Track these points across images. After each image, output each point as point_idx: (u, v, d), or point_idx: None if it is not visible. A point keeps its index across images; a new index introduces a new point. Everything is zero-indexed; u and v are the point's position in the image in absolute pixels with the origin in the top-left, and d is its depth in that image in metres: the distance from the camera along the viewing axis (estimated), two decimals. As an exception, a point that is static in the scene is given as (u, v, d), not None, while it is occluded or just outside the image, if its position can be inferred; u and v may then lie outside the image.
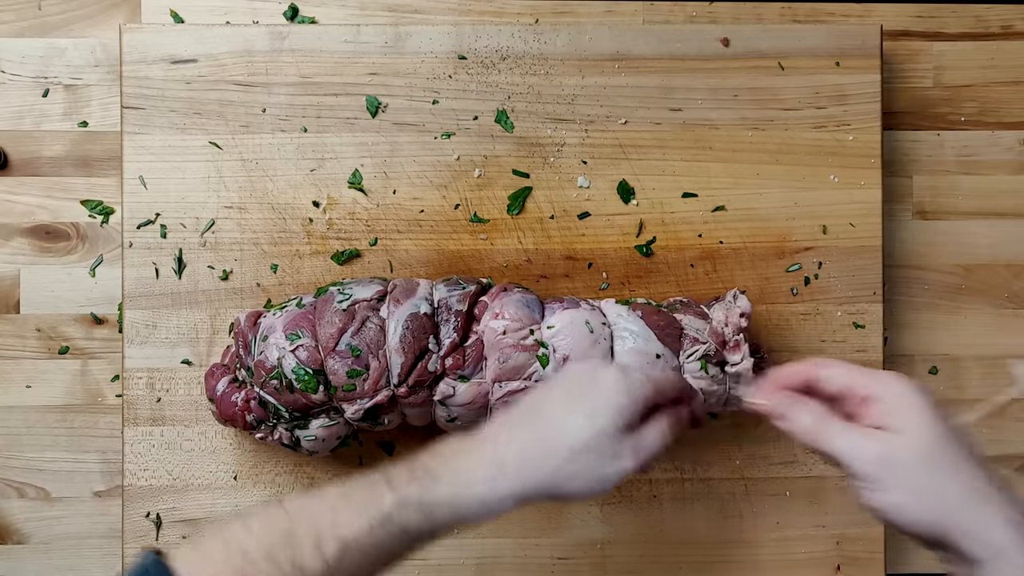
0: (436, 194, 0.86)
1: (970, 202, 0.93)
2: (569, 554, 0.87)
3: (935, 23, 0.93)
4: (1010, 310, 0.93)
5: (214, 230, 0.85)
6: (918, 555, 0.92)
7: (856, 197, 0.87)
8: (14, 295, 0.89)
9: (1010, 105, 0.93)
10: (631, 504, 0.87)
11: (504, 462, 0.60)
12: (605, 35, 0.87)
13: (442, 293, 0.78)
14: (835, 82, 0.87)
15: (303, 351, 0.75)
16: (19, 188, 0.89)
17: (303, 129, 0.86)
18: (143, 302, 0.85)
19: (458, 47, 0.86)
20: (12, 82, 0.89)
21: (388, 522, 0.58)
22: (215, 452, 0.85)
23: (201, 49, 0.85)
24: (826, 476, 0.88)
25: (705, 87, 0.87)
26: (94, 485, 0.89)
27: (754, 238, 0.87)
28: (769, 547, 0.88)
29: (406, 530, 0.58)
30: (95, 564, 0.89)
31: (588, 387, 0.63)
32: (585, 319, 0.77)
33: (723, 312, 0.79)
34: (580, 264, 0.87)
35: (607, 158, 0.87)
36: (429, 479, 0.60)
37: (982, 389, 0.92)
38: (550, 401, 0.63)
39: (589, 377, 0.63)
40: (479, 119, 0.86)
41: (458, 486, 0.59)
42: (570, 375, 0.66)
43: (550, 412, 0.62)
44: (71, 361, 0.89)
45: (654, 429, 0.63)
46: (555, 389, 0.64)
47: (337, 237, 0.86)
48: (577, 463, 0.60)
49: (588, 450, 0.60)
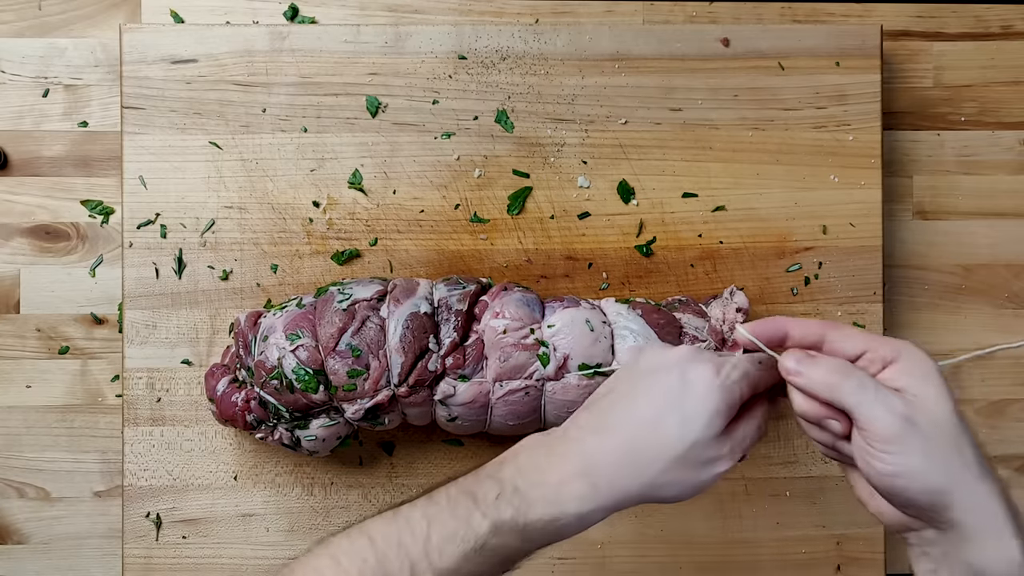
0: (436, 194, 0.86)
1: (970, 202, 0.93)
2: (569, 554, 0.87)
3: (935, 23, 0.93)
4: (1010, 310, 0.93)
5: (214, 230, 0.85)
6: (918, 555, 0.92)
7: (856, 197, 0.88)
8: (14, 295, 0.89)
9: (1010, 105, 0.93)
10: (631, 504, 0.87)
11: (596, 477, 0.56)
12: (605, 35, 0.87)
13: (442, 293, 0.78)
14: (835, 82, 0.87)
15: (303, 351, 0.75)
16: (19, 188, 0.89)
17: (303, 129, 0.86)
18: (143, 302, 0.85)
19: (458, 47, 0.86)
20: (12, 82, 0.89)
21: (483, 550, 0.55)
22: (215, 452, 0.85)
23: (201, 49, 0.85)
24: (826, 476, 0.88)
25: (705, 87, 0.87)
26: (94, 485, 0.89)
27: (754, 238, 0.87)
28: (769, 547, 0.88)
29: (500, 555, 0.56)
30: (95, 564, 0.89)
31: (679, 392, 0.57)
32: (585, 318, 0.77)
33: (720, 309, 0.80)
34: (580, 264, 0.87)
35: (607, 158, 0.87)
36: (520, 500, 0.56)
37: (982, 389, 0.92)
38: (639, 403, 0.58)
39: (680, 379, 0.57)
40: (479, 119, 0.86)
41: (551, 506, 0.56)
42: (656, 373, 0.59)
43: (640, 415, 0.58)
44: (71, 361, 0.89)
45: (750, 425, 0.59)
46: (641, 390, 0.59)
47: (337, 237, 0.86)
48: (672, 473, 0.56)
49: (683, 459, 0.56)
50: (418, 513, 0.57)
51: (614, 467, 0.57)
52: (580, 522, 0.57)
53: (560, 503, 0.56)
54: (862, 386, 0.54)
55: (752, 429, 0.59)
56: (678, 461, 0.56)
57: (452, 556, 0.55)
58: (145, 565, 0.84)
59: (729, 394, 0.57)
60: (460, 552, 0.55)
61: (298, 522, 0.85)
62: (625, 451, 0.57)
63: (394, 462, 0.86)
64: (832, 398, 0.55)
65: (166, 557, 0.84)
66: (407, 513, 0.57)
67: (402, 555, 0.54)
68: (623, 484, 0.57)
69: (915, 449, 0.53)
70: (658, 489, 0.57)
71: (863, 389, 0.54)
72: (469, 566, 0.55)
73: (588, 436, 0.58)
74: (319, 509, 0.86)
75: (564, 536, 0.57)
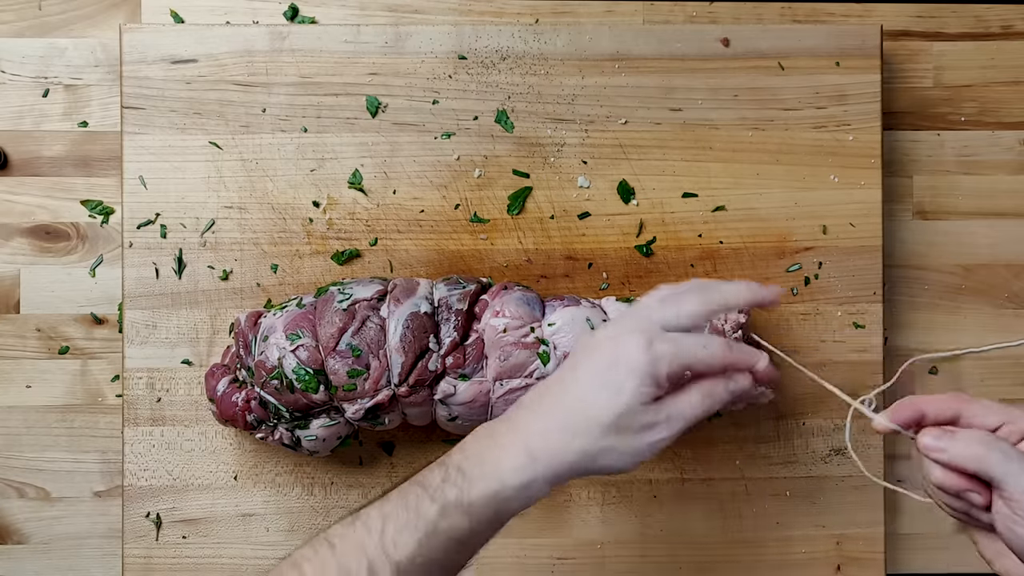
0: (436, 194, 0.86)
1: (970, 202, 0.93)
2: (569, 554, 0.87)
3: (935, 23, 0.93)
4: (1010, 310, 0.93)
5: (214, 230, 0.85)
6: (918, 555, 0.92)
7: (856, 197, 0.88)
8: (14, 295, 0.89)
9: (1010, 105, 0.93)
10: (631, 504, 0.87)
11: (533, 449, 0.59)
12: (605, 35, 0.87)
13: (442, 292, 0.78)
14: (835, 82, 0.87)
15: (303, 351, 0.75)
16: (19, 188, 0.89)
17: (303, 129, 0.86)
18: (143, 302, 0.85)
19: (458, 47, 0.86)
20: (12, 82, 0.89)
21: (435, 533, 0.57)
22: (215, 452, 0.85)
23: (201, 49, 0.85)
24: (826, 476, 0.88)
25: (705, 87, 0.87)
26: (94, 485, 0.89)
27: (754, 238, 0.87)
28: (769, 547, 0.88)
29: (452, 537, 0.58)
30: (95, 564, 0.89)
31: (611, 361, 0.59)
32: (586, 316, 0.77)
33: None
34: (580, 264, 0.87)
35: (607, 158, 0.87)
36: (463, 479, 0.58)
37: (982, 389, 0.92)
38: (574, 379, 0.61)
39: (612, 349, 0.60)
40: (479, 119, 0.86)
41: (492, 480, 0.58)
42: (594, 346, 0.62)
43: (574, 390, 0.60)
44: (71, 361, 0.89)
45: (687, 398, 0.61)
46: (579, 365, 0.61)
47: (337, 237, 0.86)
48: (607, 440, 0.59)
49: (617, 427, 0.58)
50: (375, 512, 0.59)
51: (550, 437, 0.59)
52: (522, 493, 0.59)
53: (499, 476, 0.58)
54: (1007, 457, 0.55)
55: (689, 403, 0.61)
56: (611, 428, 0.59)
57: (407, 546, 0.57)
58: (145, 565, 0.84)
59: (657, 365, 0.59)
60: (414, 540, 0.57)
61: (298, 522, 0.85)
62: (560, 421, 0.59)
63: (394, 462, 0.86)
64: (978, 469, 0.56)
65: (166, 557, 0.84)
66: (364, 514, 0.59)
67: (360, 556, 0.56)
68: (559, 452, 0.59)
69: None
70: (595, 458, 0.59)
71: (1008, 460, 0.55)
72: (424, 552, 0.57)
73: (526, 414, 0.61)
74: (319, 509, 0.86)
75: (510, 511, 0.59)
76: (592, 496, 0.87)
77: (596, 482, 0.87)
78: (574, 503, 0.87)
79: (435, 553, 0.57)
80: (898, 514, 0.92)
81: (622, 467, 0.60)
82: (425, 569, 0.57)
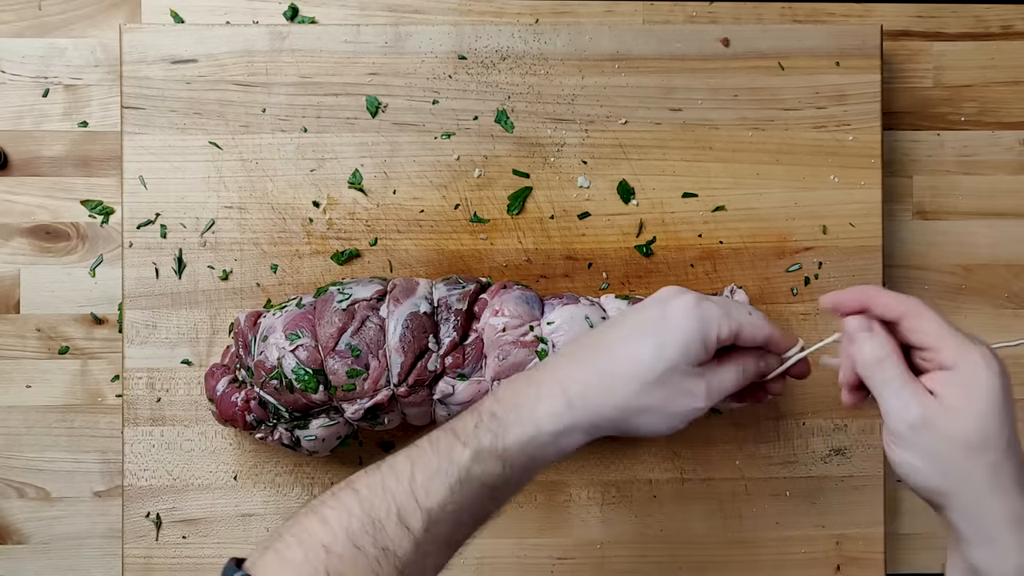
0: (436, 194, 0.86)
1: (970, 202, 0.93)
2: (569, 554, 0.87)
3: (935, 23, 0.93)
4: (1010, 310, 0.93)
5: (214, 230, 0.85)
6: (918, 555, 0.92)
7: (856, 197, 0.88)
8: (14, 295, 0.89)
9: (1010, 105, 0.93)
10: (631, 504, 0.87)
11: (571, 396, 0.57)
12: (605, 35, 0.87)
13: (442, 292, 0.78)
14: (835, 82, 0.87)
15: (303, 351, 0.75)
16: (19, 188, 0.89)
17: (303, 129, 0.86)
18: (143, 302, 0.85)
19: (458, 47, 0.86)
20: (12, 82, 0.89)
21: (467, 480, 0.55)
22: (215, 452, 0.85)
23: (201, 49, 0.85)
24: (826, 476, 0.88)
25: (705, 87, 0.87)
26: (94, 485, 0.89)
27: (754, 238, 0.87)
28: (769, 547, 0.88)
29: (485, 484, 0.56)
30: (95, 564, 0.89)
31: (658, 319, 0.58)
32: (585, 314, 0.77)
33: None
34: (580, 264, 0.87)
35: (607, 158, 0.87)
36: (497, 424, 0.57)
37: (982, 389, 0.92)
38: (618, 333, 0.59)
39: (660, 309, 0.59)
40: (479, 119, 0.86)
41: (527, 425, 0.57)
42: (640, 307, 0.61)
43: (618, 344, 0.59)
44: (71, 361, 0.89)
45: (730, 369, 0.60)
46: (623, 321, 0.60)
47: (337, 237, 0.86)
48: (647, 397, 0.57)
49: (658, 384, 0.57)
50: (401, 457, 0.57)
51: (589, 385, 0.58)
52: (556, 442, 0.57)
53: (535, 421, 0.57)
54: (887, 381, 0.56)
55: (731, 375, 0.60)
56: (653, 385, 0.57)
57: (438, 492, 0.55)
58: (145, 565, 0.84)
59: (706, 325, 0.58)
60: (445, 487, 0.55)
61: (298, 522, 0.85)
62: (600, 371, 0.58)
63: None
64: (863, 375, 0.57)
65: (166, 557, 0.84)
66: (390, 460, 0.57)
67: (388, 499, 0.54)
68: (597, 403, 0.57)
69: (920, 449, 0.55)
70: (633, 415, 0.58)
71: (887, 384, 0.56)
72: (455, 499, 0.55)
73: (565, 362, 0.60)
74: (319, 509, 0.86)
75: (544, 458, 0.58)
76: (592, 496, 0.87)
77: (596, 482, 0.87)
78: (574, 503, 0.87)
79: (466, 500, 0.55)
80: (898, 514, 0.92)
81: (657, 430, 0.59)
82: (455, 518, 0.55)
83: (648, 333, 0.58)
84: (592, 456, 0.87)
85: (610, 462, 0.87)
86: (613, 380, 0.58)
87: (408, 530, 0.54)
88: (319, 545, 0.52)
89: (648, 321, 0.59)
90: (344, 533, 0.53)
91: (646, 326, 0.59)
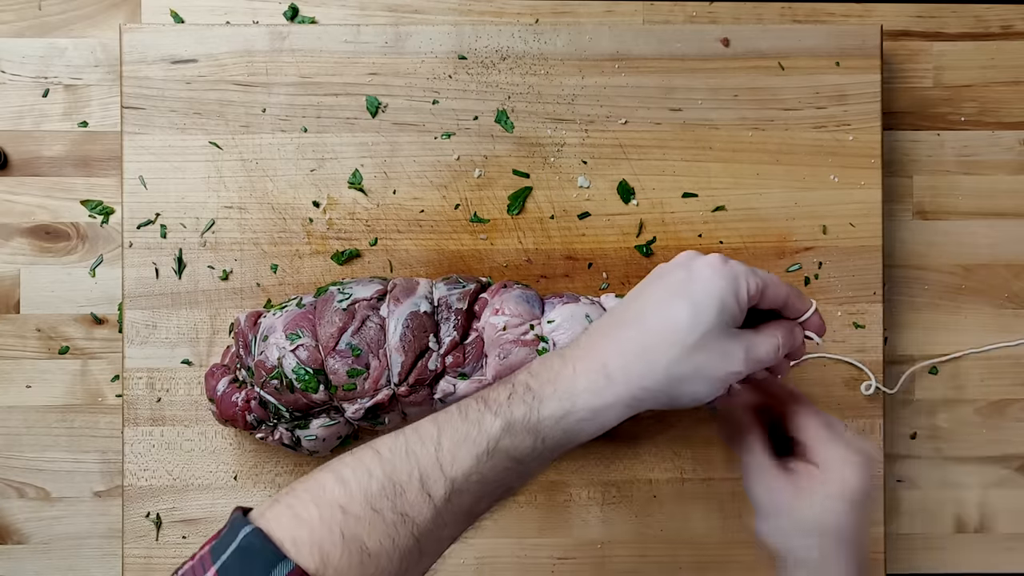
0: (436, 194, 0.86)
1: (970, 202, 0.93)
2: (569, 554, 0.87)
3: (935, 23, 0.93)
4: (1010, 310, 0.93)
5: (214, 230, 0.85)
6: (918, 555, 0.92)
7: (856, 197, 0.88)
8: (14, 295, 0.89)
9: (1010, 105, 0.93)
10: (631, 504, 0.87)
11: (610, 370, 0.55)
12: (605, 35, 0.87)
13: (442, 291, 0.78)
14: (835, 82, 0.87)
15: (303, 351, 0.75)
16: (19, 188, 0.89)
17: (303, 129, 0.86)
18: (143, 302, 0.85)
19: (458, 47, 0.86)
20: (12, 82, 0.89)
21: (495, 451, 0.53)
22: (215, 452, 0.85)
23: (201, 49, 0.85)
24: (826, 476, 0.88)
25: (705, 87, 0.87)
26: (94, 485, 0.89)
27: (754, 238, 0.87)
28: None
29: (513, 456, 0.54)
30: (95, 564, 0.89)
31: (686, 280, 0.56)
32: (585, 313, 0.77)
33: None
34: (580, 264, 0.87)
35: (607, 158, 0.87)
36: (532, 397, 0.55)
37: (982, 389, 0.92)
38: (646, 302, 0.57)
39: (686, 271, 0.57)
40: (479, 119, 0.86)
41: (564, 400, 0.54)
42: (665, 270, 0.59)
43: (649, 312, 0.57)
44: (71, 361, 0.89)
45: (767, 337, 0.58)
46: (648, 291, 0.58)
47: (337, 237, 0.86)
48: (689, 363, 0.55)
49: (699, 347, 0.55)
50: (427, 422, 0.55)
51: (628, 358, 0.55)
52: (594, 418, 0.55)
53: (573, 396, 0.55)
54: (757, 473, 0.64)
55: (768, 342, 0.58)
56: (693, 348, 0.55)
57: (464, 461, 0.53)
58: (145, 565, 0.84)
59: (736, 282, 0.56)
60: (472, 456, 0.53)
61: (298, 522, 0.85)
62: (638, 343, 0.56)
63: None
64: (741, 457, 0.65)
65: (166, 557, 0.84)
66: (416, 424, 0.55)
67: (411, 463, 0.52)
68: (638, 375, 0.55)
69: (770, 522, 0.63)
70: (676, 383, 0.56)
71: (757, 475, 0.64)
72: (481, 470, 0.53)
73: (599, 338, 0.57)
74: (319, 509, 0.85)
75: (580, 434, 0.56)
76: (592, 496, 0.87)
77: (596, 482, 0.87)
78: (574, 503, 0.87)
79: (491, 472, 0.53)
80: (898, 514, 0.92)
81: (701, 396, 0.57)
82: (478, 488, 0.53)
83: (679, 296, 0.56)
84: (592, 456, 0.87)
85: (610, 462, 0.87)
86: (653, 351, 0.55)
87: (430, 497, 0.52)
88: (335, 504, 0.50)
89: (676, 284, 0.57)
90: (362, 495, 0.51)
91: (675, 289, 0.57)
